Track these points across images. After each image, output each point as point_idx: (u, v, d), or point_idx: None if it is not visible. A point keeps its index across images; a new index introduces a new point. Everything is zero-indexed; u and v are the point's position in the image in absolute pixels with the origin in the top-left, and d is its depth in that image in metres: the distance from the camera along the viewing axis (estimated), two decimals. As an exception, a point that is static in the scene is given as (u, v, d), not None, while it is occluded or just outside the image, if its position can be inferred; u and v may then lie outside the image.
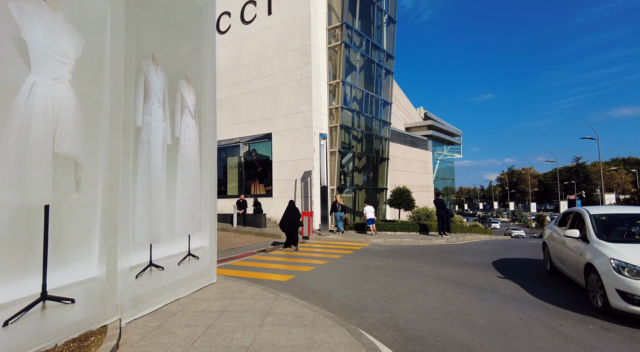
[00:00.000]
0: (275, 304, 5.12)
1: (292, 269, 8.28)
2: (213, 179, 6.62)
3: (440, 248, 11.89)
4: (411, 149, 33.86)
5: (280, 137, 17.99)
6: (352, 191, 19.60)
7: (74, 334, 3.55)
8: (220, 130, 20.35)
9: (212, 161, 6.65)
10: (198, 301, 5.32)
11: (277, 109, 18.12)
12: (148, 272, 4.82)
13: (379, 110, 21.56)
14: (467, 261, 9.28)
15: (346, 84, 18.46)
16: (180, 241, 5.68)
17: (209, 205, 6.43)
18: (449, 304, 5.51)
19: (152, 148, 4.99)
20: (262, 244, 13.06)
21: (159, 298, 4.97)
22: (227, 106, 20.12)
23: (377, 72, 21.41)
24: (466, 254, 10.56)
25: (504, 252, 11.14)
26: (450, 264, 8.87)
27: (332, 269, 8.22)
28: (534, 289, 6.38)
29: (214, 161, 6.70)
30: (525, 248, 12.53)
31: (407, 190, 17.47)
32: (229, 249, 11.58)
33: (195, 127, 6.17)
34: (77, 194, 3.75)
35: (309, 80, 17.08)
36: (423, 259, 9.64)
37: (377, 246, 12.28)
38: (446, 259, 9.64)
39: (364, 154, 20.39)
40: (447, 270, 8.09)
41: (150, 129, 4.98)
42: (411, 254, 10.55)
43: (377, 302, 5.66)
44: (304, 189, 17.19)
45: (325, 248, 11.91)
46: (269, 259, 9.82)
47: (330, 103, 18.24)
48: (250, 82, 19.19)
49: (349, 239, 13.60)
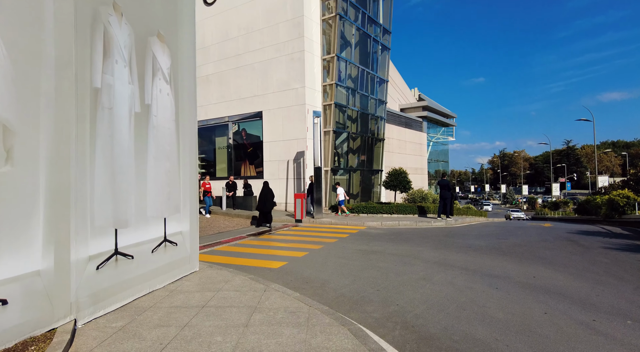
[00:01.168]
0: (264, 297, 4.45)
1: (284, 255, 7.62)
2: (193, 155, 5.82)
3: (440, 231, 11.34)
4: (406, 131, 33.15)
5: (272, 116, 17.06)
6: (346, 172, 18.90)
7: (7, 344, 2.82)
8: (208, 109, 19.32)
9: (192, 135, 5.84)
10: (175, 293, 4.63)
11: (267, 86, 17.12)
12: (113, 262, 4.09)
13: (375, 89, 20.64)
14: (472, 245, 8.72)
15: (341, 59, 17.46)
16: (154, 225, 4.93)
17: (189, 185, 5.66)
18: (461, 295, 4.90)
19: (115, 115, 4.16)
20: (252, 227, 12.37)
21: (128, 291, 4.25)
22: (215, 83, 19.02)
23: (373, 48, 20.37)
24: (469, 238, 10.02)
25: (508, 235, 10.63)
26: (454, 248, 8.30)
27: (327, 255, 7.58)
28: (551, 276, 5.81)
29: (193, 135, 5.89)
30: (529, 231, 12.06)
31: (404, 171, 16.84)
32: (217, 233, 10.88)
33: (170, 95, 5.32)
34: (8, 166, 2.95)
35: (302, 54, 16.05)
36: (424, 243, 9.05)
37: (373, 229, 11.69)
38: (448, 243, 9.07)
39: (358, 135, 19.60)
40: (452, 255, 7.50)
41: (113, 92, 4.14)
42: (410, 237, 9.97)
43: (379, 292, 5.03)
44: (297, 171, 16.43)
45: (319, 231, 11.28)
46: (259, 243, 9.15)
47: (324, 80, 17.28)
48: (239, 57, 18.07)
49: (344, 221, 12.98)
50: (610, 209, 16.30)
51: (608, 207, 16.53)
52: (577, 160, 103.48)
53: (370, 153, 20.67)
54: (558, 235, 10.85)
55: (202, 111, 19.54)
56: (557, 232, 11.94)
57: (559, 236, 10.68)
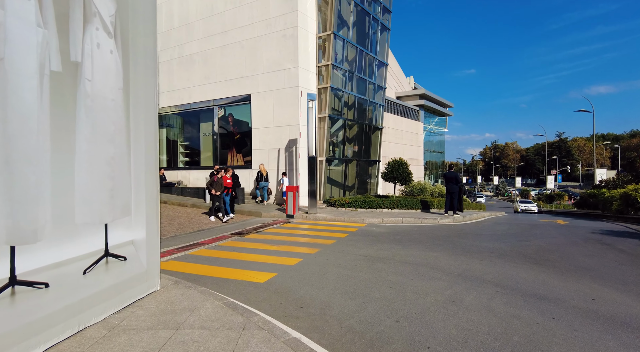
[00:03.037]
0: (242, 342, 3.10)
1: (272, 262, 6.27)
2: (151, 137, 4.37)
3: (450, 230, 10.11)
4: (402, 120, 31.84)
5: (261, 99, 15.52)
6: (341, 162, 17.53)
7: None
8: (192, 91, 17.65)
9: (151, 111, 4.37)
10: (116, 333, 3.24)
11: (257, 66, 15.52)
12: (6, 298, 2.68)
13: (374, 73, 19.16)
14: (493, 249, 7.48)
15: (338, 37, 15.90)
16: (89, 235, 3.52)
17: (146, 177, 4.23)
18: (509, 329, 3.63)
19: (9, 71, 2.69)
20: (238, 223, 10.99)
21: (35, 339, 2.85)
22: (199, 63, 17.32)
23: (372, 27, 18.81)
24: (485, 239, 8.80)
25: (527, 236, 9.44)
26: (474, 253, 7.04)
27: (325, 262, 6.25)
28: (614, 299, 4.57)
29: (152, 111, 4.42)
30: (548, 230, 10.89)
31: (404, 162, 15.54)
32: (197, 232, 9.47)
33: (115, 53, 3.83)
34: None
35: (295, 30, 14.45)
36: (437, 246, 7.79)
37: (375, 227, 10.40)
38: (465, 246, 7.82)
39: (355, 122, 18.19)
40: (475, 263, 6.24)
41: (4, 33, 2.67)
42: (419, 238, 8.71)
43: (399, 324, 3.73)
44: (289, 160, 15.00)
45: (314, 229, 9.95)
46: (244, 245, 7.78)
47: (320, 60, 15.74)
48: (226, 34, 16.37)
49: (340, 217, 11.67)
50: (625, 205, 15.34)
51: (622, 202, 15.57)
52: (569, 152, 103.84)
53: (367, 142, 19.30)
54: (584, 236, 9.71)
55: (186, 94, 17.88)
56: (580, 231, 10.79)
57: (586, 237, 9.53)
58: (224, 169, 11.79)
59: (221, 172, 11.49)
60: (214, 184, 11.04)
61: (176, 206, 13.98)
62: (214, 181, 11.10)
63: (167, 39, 18.49)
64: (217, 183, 11.04)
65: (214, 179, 11.18)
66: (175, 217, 11.44)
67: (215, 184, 11.02)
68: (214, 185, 11.03)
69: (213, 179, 11.26)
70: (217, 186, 11.00)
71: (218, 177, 11.18)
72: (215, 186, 10.99)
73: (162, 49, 18.67)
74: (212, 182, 14.59)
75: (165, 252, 7.03)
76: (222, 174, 11.39)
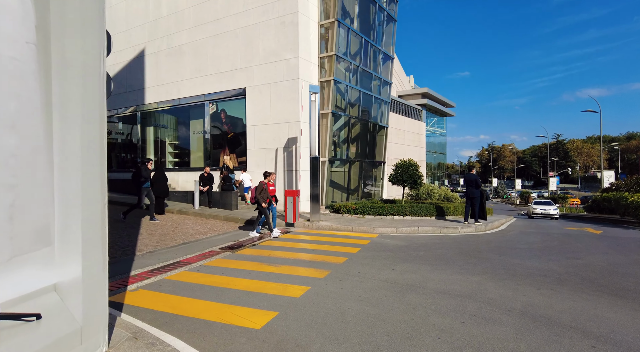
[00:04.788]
0: None
1: (272, 293, 4.82)
2: (94, 125, 2.90)
3: (477, 242, 8.72)
4: (405, 119, 30.54)
5: (257, 94, 14.06)
6: (343, 164, 16.11)
7: None
8: (181, 86, 16.15)
9: (94, 82, 2.90)
10: None
11: (252, 57, 14.06)
12: None
13: (379, 66, 17.77)
14: (544, 271, 6.08)
15: (342, 25, 14.50)
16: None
17: (82, 184, 2.76)
18: None
19: None
20: (230, 234, 9.53)
21: None
22: (190, 54, 15.82)
23: (377, 17, 17.42)
24: (524, 255, 7.40)
25: (572, 250, 8.06)
26: (523, 277, 5.64)
27: (340, 293, 4.81)
28: None
29: (97, 83, 2.94)
30: (589, 242, 9.50)
31: (414, 164, 14.16)
32: (181, 245, 7.99)
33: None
34: None
35: (295, 16, 13.02)
36: (471, 265, 6.38)
37: (389, 239, 8.98)
38: (507, 265, 6.42)
39: (359, 120, 16.78)
40: (534, 294, 4.83)
41: None
42: (446, 254, 7.30)
43: None
44: (288, 161, 13.56)
45: (318, 242, 8.51)
46: (235, 265, 6.32)
47: (322, 51, 14.33)
48: (219, 22, 14.90)
49: (347, 226, 10.24)
50: (655, 211, 14.13)
51: (652, 208, 14.36)
52: (567, 154, 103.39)
53: (372, 142, 17.90)
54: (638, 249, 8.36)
55: (175, 88, 16.37)
56: (628, 243, 9.39)
57: None
58: (268, 174, 9.59)
59: (269, 177, 9.52)
60: (259, 194, 8.97)
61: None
62: (262, 189, 9.02)
63: (154, 28, 16.98)
64: (262, 192, 9.03)
65: (216, 181, 9.29)
66: (157, 226, 9.94)
67: (260, 192, 9.01)
68: (258, 195, 8.97)
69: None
70: (262, 196, 9.01)
71: (270, 185, 9.44)
72: (261, 197, 8.99)
73: (149, 40, 17.16)
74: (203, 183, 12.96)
75: (136, 277, 5.56)
76: (268, 180, 9.46)
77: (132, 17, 17.82)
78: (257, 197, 9.01)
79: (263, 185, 9.16)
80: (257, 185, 9.21)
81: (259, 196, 9.00)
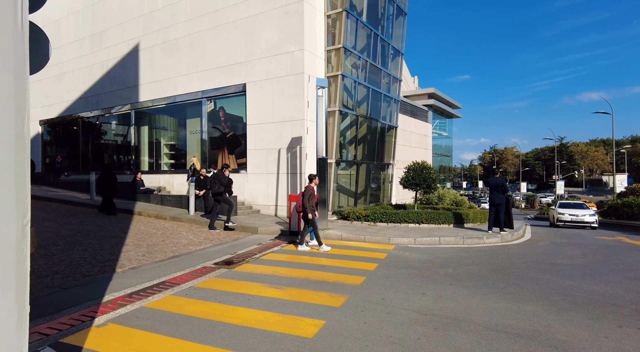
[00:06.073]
0: None
1: (276, 330, 3.72)
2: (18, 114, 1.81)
3: (510, 256, 7.62)
4: (411, 120, 29.47)
5: (258, 90, 13.00)
6: (349, 165, 15.02)
7: None
8: (177, 82, 15.10)
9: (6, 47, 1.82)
10: None
11: (253, 50, 13.02)
12: None
13: (388, 62, 16.71)
14: (608, 297, 4.97)
15: (351, 16, 13.45)
16: None
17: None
18: None
19: None
20: (228, 244, 8.45)
21: None
22: (186, 48, 14.79)
23: (387, 10, 16.39)
24: (573, 274, 6.29)
25: (624, 268, 6.94)
26: (591, 309, 4.53)
27: (365, 333, 3.71)
28: None
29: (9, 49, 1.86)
30: (637, 254, 8.39)
31: (428, 166, 13.09)
32: (170, 259, 6.90)
33: None
34: None
35: (300, 5, 11.99)
36: (517, 287, 5.28)
37: (408, 251, 7.89)
38: (560, 289, 5.31)
39: (368, 119, 15.71)
40: (617, 335, 3.73)
41: None
42: (480, 271, 6.21)
43: None
44: (292, 163, 12.48)
45: (328, 256, 7.40)
46: (232, 288, 5.22)
47: (329, 43, 13.29)
48: (217, 14, 13.87)
49: (358, 235, 9.15)
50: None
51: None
52: (571, 157, 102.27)
53: (380, 143, 16.81)
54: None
55: (170, 85, 15.33)
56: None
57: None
58: (313, 176, 8.33)
59: (315, 180, 8.27)
60: (308, 200, 7.69)
61: (152, 218, 11.38)
62: (310, 195, 7.74)
63: (149, 22, 15.95)
64: (310, 199, 7.74)
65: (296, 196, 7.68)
66: (146, 235, 8.85)
67: (309, 199, 7.70)
68: (306, 203, 7.69)
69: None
70: (311, 204, 7.73)
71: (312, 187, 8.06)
72: (310, 205, 7.69)
73: (144, 34, 16.14)
74: (199, 187, 12.03)
75: (109, 304, 4.48)
76: (314, 183, 8.18)
77: (126, 10, 16.80)
78: (305, 206, 7.65)
79: (311, 190, 7.79)
80: (304, 190, 7.83)
81: (308, 203, 7.65)
